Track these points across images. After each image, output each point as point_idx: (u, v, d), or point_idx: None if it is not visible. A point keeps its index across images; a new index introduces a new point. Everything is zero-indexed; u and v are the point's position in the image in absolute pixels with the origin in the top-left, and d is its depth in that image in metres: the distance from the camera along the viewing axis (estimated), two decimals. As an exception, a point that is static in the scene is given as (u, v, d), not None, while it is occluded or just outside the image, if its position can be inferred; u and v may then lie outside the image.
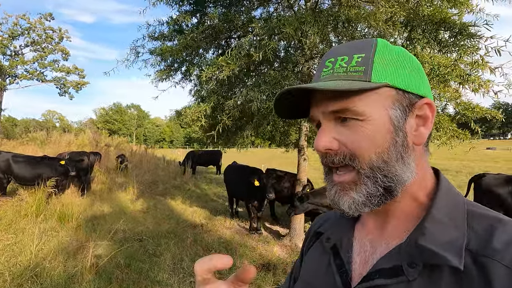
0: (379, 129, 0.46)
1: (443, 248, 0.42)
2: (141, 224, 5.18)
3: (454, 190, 0.49)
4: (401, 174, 0.46)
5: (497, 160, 19.46)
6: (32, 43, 25.93)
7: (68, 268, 3.19)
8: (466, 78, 2.84)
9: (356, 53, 0.48)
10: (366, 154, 0.46)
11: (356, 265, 0.52)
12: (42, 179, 6.24)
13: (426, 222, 0.45)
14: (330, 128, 0.48)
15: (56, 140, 15.14)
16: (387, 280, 0.44)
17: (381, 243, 0.50)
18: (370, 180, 0.46)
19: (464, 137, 3.22)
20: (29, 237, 4.32)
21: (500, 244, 0.40)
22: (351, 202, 0.47)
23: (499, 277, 0.37)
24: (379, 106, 0.46)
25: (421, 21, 2.29)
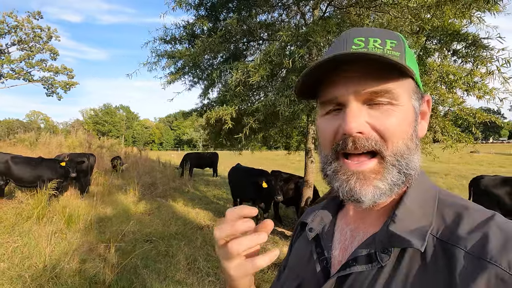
0: (407, 117, 0.46)
1: (409, 233, 0.43)
2: (148, 225, 5.18)
3: (426, 181, 0.51)
4: (417, 163, 0.48)
5: (482, 163, 20.22)
6: (19, 41, 25.24)
7: (88, 269, 3.20)
8: (472, 86, 3.04)
9: (389, 38, 0.47)
10: (396, 139, 0.45)
11: (336, 252, 0.53)
12: (42, 181, 6.15)
13: (397, 210, 0.46)
14: (360, 110, 0.45)
15: (46, 141, 14.81)
16: (363, 267, 0.45)
17: (360, 232, 0.52)
18: (395, 168, 0.45)
19: (468, 141, 3.43)
20: (36, 239, 4.27)
21: (463, 231, 0.41)
22: (375, 192, 0.45)
23: (460, 262, 0.39)
24: (408, 94, 0.47)
25: (437, 32, 2.47)
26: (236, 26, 3.24)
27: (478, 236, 0.40)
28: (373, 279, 0.44)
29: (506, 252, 0.37)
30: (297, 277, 0.57)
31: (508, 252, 0.37)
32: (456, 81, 3.16)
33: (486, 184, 4.04)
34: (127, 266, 3.33)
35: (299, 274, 0.57)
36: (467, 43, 2.44)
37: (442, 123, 3.57)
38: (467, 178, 12.51)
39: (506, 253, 0.37)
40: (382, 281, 0.43)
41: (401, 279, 0.42)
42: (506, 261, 0.37)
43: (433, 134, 3.57)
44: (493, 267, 0.37)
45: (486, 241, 0.39)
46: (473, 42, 2.40)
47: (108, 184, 7.90)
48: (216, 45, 3.20)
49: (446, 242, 0.42)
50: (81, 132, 17.30)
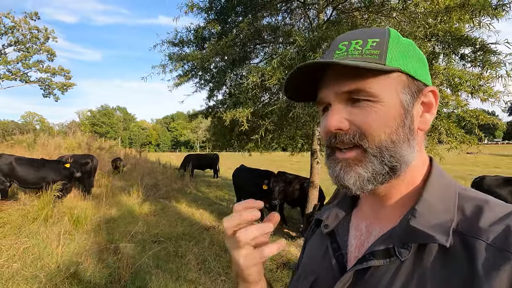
0: (390, 111, 0.47)
1: (432, 229, 0.43)
2: (155, 226, 5.21)
3: (446, 175, 0.51)
4: (406, 155, 0.48)
5: (477, 164, 20.49)
6: (16, 42, 25.04)
7: (101, 269, 3.23)
8: (477, 89, 3.14)
9: (371, 37, 0.49)
10: (376, 133, 0.47)
11: (352, 248, 0.54)
12: (46, 182, 6.15)
13: (418, 205, 0.46)
14: (341, 108, 0.49)
15: (44, 143, 14.72)
16: (380, 261, 0.46)
17: (376, 227, 0.52)
18: (376, 159, 0.47)
19: (473, 142, 3.52)
20: (44, 240, 4.29)
21: (485, 224, 0.42)
22: (356, 178, 0.48)
23: (482, 254, 0.39)
24: (392, 89, 0.48)
25: (446, 37, 2.56)
26: (247, 29, 3.31)
27: (500, 229, 0.40)
28: (392, 274, 0.45)
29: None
30: (312, 272, 0.57)
31: None
32: (461, 84, 3.26)
33: (489, 184, 4.14)
34: (140, 266, 3.37)
35: (315, 270, 0.57)
36: (475, 48, 2.53)
37: (447, 125, 3.66)
38: (465, 179, 12.70)
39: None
40: (402, 276, 0.44)
41: (422, 274, 0.42)
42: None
43: (438, 135, 3.66)
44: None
45: (508, 233, 0.39)
46: (481, 47, 2.50)
47: (111, 186, 7.91)
48: (227, 48, 3.26)
49: (466, 235, 0.42)
50: (80, 133, 17.21)
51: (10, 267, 3.30)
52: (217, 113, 5.40)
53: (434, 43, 2.70)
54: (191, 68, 4.59)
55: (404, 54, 0.49)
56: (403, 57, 0.49)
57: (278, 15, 5.08)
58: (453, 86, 3.32)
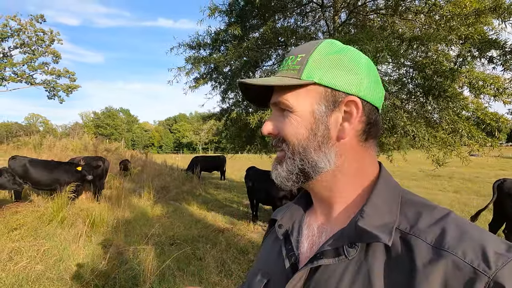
0: (302, 121, 0.52)
1: (377, 229, 0.46)
2: (170, 229, 5.22)
3: (392, 181, 0.55)
4: (317, 161, 0.52)
5: (483, 166, 20.40)
6: (21, 45, 25.24)
7: (125, 270, 3.24)
8: (501, 92, 3.14)
9: (301, 53, 0.54)
10: (290, 140, 0.53)
11: (304, 249, 0.56)
12: (59, 184, 6.18)
13: (366, 207, 0.49)
14: (275, 116, 0.56)
15: (51, 144, 14.80)
16: (329, 260, 0.48)
17: (327, 228, 0.55)
18: (290, 160, 0.53)
19: (495, 145, 3.51)
20: (62, 242, 4.30)
21: (424, 225, 0.45)
22: (277, 174, 0.55)
23: (420, 252, 0.43)
24: (306, 100, 0.52)
25: (473, 40, 2.57)
26: (270, 32, 3.33)
27: (437, 229, 0.44)
28: (341, 272, 0.47)
29: (460, 243, 0.41)
30: (266, 274, 0.59)
31: (462, 243, 0.41)
32: (484, 87, 3.25)
33: (510, 187, 4.11)
34: (163, 268, 3.37)
35: (268, 271, 0.59)
36: (504, 50, 2.54)
37: (468, 128, 3.66)
38: (472, 181, 12.66)
39: (461, 244, 0.41)
40: (350, 274, 0.46)
41: (368, 271, 0.45)
42: (461, 251, 0.41)
43: (459, 137, 3.66)
44: (449, 255, 0.41)
45: (444, 233, 0.43)
46: (511, 50, 2.51)
47: (121, 188, 7.92)
48: (250, 51, 3.28)
49: (408, 234, 0.45)
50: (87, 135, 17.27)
51: (33, 269, 3.31)
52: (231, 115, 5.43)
53: (462, 46, 2.71)
54: (207, 71, 4.61)
55: (326, 66, 0.52)
56: (322, 70, 0.52)
57: (291, 18, 5.11)
58: (476, 88, 3.31)
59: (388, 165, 7.81)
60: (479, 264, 0.39)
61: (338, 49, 0.53)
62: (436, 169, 3.69)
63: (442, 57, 3.02)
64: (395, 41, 2.66)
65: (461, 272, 0.39)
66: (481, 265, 0.39)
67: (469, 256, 0.40)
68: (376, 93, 0.54)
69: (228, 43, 3.97)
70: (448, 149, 3.42)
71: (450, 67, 2.93)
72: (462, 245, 0.41)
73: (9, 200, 6.19)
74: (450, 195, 9.57)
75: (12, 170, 5.62)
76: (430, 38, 2.43)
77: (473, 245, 0.41)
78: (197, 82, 4.30)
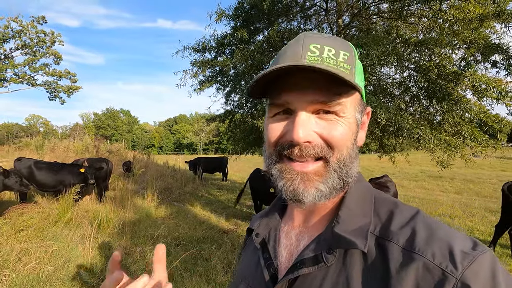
0: (351, 128, 0.49)
1: (353, 234, 0.46)
2: (175, 230, 5.26)
3: (363, 181, 0.54)
4: (355, 171, 0.50)
5: (483, 167, 20.44)
6: (23, 46, 25.33)
7: (135, 271, 3.28)
8: (504, 95, 3.19)
9: (342, 49, 0.48)
10: (341, 147, 0.47)
11: (282, 258, 0.54)
12: (64, 186, 6.22)
13: (341, 211, 0.49)
14: (309, 119, 0.47)
15: (53, 146, 14.85)
16: (309, 269, 0.47)
17: (305, 236, 0.53)
18: (336, 174, 0.47)
19: (497, 146, 3.56)
20: (69, 243, 4.35)
21: (396, 227, 0.45)
22: (316, 193, 0.47)
23: (393, 255, 0.43)
24: (353, 107, 0.49)
25: (477, 44, 2.62)
26: (276, 35, 3.39)
27: (408, 231, 0.44)
28: (321, 279, 0.46)
29: (430, 245, 0.42)
30: (246, 286, 0.57)
31: (431, 245, 0.41)
32: (488, 90, 3.30)
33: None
34: (171, 269, 3.42)
35: (248, 282, 0.57)
36: (507, 55, 2.59)
37: (471, 130, 3.71)
38: (473, 182, 12.70)
39: (430, 245, 0.41)
40: (329, 281, 0.46)
41: (346, 277, 0.45)
42: (430, 252, 0.41)
43: (462, 139, 3.71)
44: (420, 258, 0.41)
45: (414, 235, 0.43)
46: (515, 54, 2.57)
47: (125, 189, 7.97)
48: (258, 54, 3.34)
49: (382, 238, 0.45)
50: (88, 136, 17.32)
51: (42, 270, 3.36)
52: (235, 117, 5.48)
53: (466, 51, 2.76)
54: (212, 74, 4.66)
55: (360, 74, 0.51)
56: (360, 76, 0.50)
57: (295, 21, 5.17)
58: (479, 92, 3.36)
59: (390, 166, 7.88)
60: (447, 266, 0.39)
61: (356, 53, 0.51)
62: (441, 170, 3.74)
63: (445, 60, 3.07)
64: (401, 45, 2.72)
65: (431, 275, 0.40)
66: (449, 266, 0.39)
67: (438, 257, 0.40)
68: None
69: (233, 47, 4.03)
70: (453, 151, 3.47)
71: (453, 71, 2.99)
72: (431, 247, 0.41)
73: (15, 201, 6.24)
74: (451, 196, 9.62)
75: (18, 172, 5.67)
76: (436, 43, 2.48)
77: (441, 246, 0.41)
78: (203, 85, 4.35)
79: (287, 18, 4.82)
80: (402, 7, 3.00)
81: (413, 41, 2.67)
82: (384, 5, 4.08)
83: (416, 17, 3.51)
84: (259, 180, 6.28)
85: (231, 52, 4.51)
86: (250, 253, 0.63)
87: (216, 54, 4.84)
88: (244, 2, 3.84)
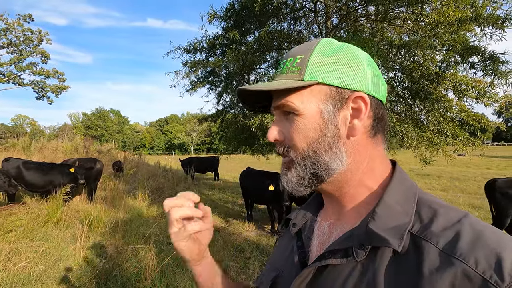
0: (310, 122, 0.50)
1: (388, 232, 0.44)
2: (167, 228, 5.27)
3: (407, 179, 0.53)
4: (329, 163, 0.50)
5: (469, 166, 21.03)
6: (9, 44, 24.75)
7: (127, 268, 3.31)
8: (482, 95, 3.35)
9: (299, 54, 0.53)
10: (299, 145, 0.51)
11: (314, 247, 0.56)
12: (53, 186, 6.16)
13: (378, 208, 0.47)
14: (278, 121, 0.54)
15: (42, 146, 14.58)
16: (337, 260, 0.47)
17: (337, 227, 0.54)
18: (300, 167, 0.52)
19: (477, 144, 3.73)
20: (59, 243, 4.34)
21: (437, 228, 0.43)
22: (287, 180, 0.53)
23: (429, 256, 0.40)
24: (311, 101, 0.50)
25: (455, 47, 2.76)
26: (267, 36, 3.47)
27: (451, 234, 0.41)
28: (348, 273, 0.46)
29: (474, 250, 0.38)
30: (275, 269, 0.60)
31: (476, 250, 0.38)
32: (467, 90, 3.47)
33: (500, 186, 4.22)
34: (163, 265, 3.46)
35: (279, 266, 0.60)
36: (484, 57, 2.74)
37: (452, 128, 3.87)
38: (459, 180, 13.08)
39: (474, 251, 0.38)
40: (355, 276, 0.46)
41: (373, 274, 0.44)
42: (473, 259, 0.38)
43: (444, 138, 3.87)
44: (460, 264, 0.38)
45: (457, 238, 0.40)
46: (490, 56, 2.71)
47: (116, 189, 7.93)
48: (249, 55, 3.42)
49: (419, 237, 0.43)
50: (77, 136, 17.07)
51: (33, 269, 3.36)
52: (226, 117, 5.55)
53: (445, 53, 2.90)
54: (204, 74, 4.72)
55: (327, 65, 0.50)
56: (324, 69, 0.50)
57: (285, 22, 5.27)
58: (459, 91, 3.52)
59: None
60: (491, 276, 0.36)
61: (336, 47, 0.52)
62: (424, 167, 3.89)
63: (428, 61, 3.21)
64: (385, 47, 2.84)
65: (471, 283, 0.37)
66: (493, 277, 0.36)
67: (482, 265, 0.37)
68: (379, 87, 0.53)
69: (225, 47, 4.10)
70: (434, 148, 3.62)
71: (435, 71, 3.13)
72: (475, 253, 0.38)
73: (2, 202, 6.15)
74: (438, 193, 9.89)
75: (6, 172, 5.59)
76: (417, 45, 2.61)
77: (488, 253, 0.38)
78: (195, 85, 4.41)
79: (278, 19, 4.91)
80: (386, 10, 3.12)
81: (397, 43, 2.80)
82: (371, 8, 4.22)
83: (401, 19, 3.65)
84: (250, 179, 6.35)
85: (223, 52, 4.58)
86: (285, 241, 0.66)
87: (207, 54, 4.90)
88: (235, 4, 3.92)
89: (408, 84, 3.33)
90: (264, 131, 3.17)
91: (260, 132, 3.40)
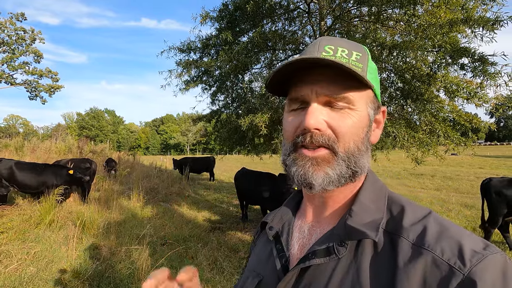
0: (361, 121, 0.52)
1: (364, 226, 0.48)
2: (161, 229, 5.27)
3: (378, 180, 0.57)
4: (365, 163, 0.53)
5: (462, 165, 21.27)
6: (1, 43, 24.42)
7: (120, 269, 3.29)
8: (473, 95, 3.40)
9: (355, 50, 0.53)
10: (348, 139, 0.50)
11: (294, 250, 0.56)
12: (46, 187, 6.09)
13: (354, 206, 0.51)
14: (320, 109, 0.50)
15: (34, 147, 14.40)
16: (321, 260, 0.49)
17: (317, 229, 0.56)
18: (345, 163, 0.51)
19: (469, 144, 3.78)
20: (52, 245, 4.29)
21: (407, 224, 0.47)
22: (325, 177, 0.50)
23: (403, 249, 0.45)
24: (365, 102, 0.53)
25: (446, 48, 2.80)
26: (259, 38, 3.48)
27: (419, 228, 0.46)
28: (331, 271, 0.48)
29: (439, 241, 0.43)
30: (257, 275, 0.59)
31: (441, 242, 0.43)
32: (458, 91, 3.51)
33: (495, 185, 4.29)
34: (157, 267, 3.45)
35: (260, 272, 0.59)
36: (473, 58, 2.77)
37: (444, 128, 3.91)
38: (452, 179, 13.22)
39: (440, 242, 0.43)
40: (339, 272, 0.48)
41: (356, 269, 0.47)
42: (439, 248, 0.43)
43: (436, 138, 3.91)
44: (429, 253, 0.43)
45: (425, 232, 0.45)
46: (480, 58, 2.75)
47: (110, 190, 7.87)
48: (242, 56, 3.41)
49: (393, 233, 0.47)
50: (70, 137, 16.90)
51: (25, 271, 3.32)
52: (221, 117, 5.54)
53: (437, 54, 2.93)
54: (198, 74, 4.71)
55: (373, 74, 0.55)
56: (373, 76, 0.54)
57: (279, 22, 5.28)
58: (450, 92, 3.56)
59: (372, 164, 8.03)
60: (455, 262, 0.41)
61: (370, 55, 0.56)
62: (416, 167, 3.93)
63: (420, 62, 3.24)
64: (377, 48, 2.87)
65: (439, 269, 0.41)
66: (457, 263, 0.41)
67: (447, 254, 0.42)
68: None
69: (218, 47, 4.09)
70: (426, 149, 3.66)
71: (427, 72, 3.16)
72: (441, 243, 0.43)
73: (-6, 203, 6.06)
74: (431, 193, 9.99)
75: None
76: (408, 46, 2.64)
77: (451, 243, 0.43)
78: (188, 85, 4.39)
79: (272, 20, 4.92)
80: (379, 11, 3.15)
81: (388, 44, 2.83)
82: (364, 9, 4.25)
83: (394, 21, 3.68)
84: (245, 180, 6.35)
85: (216, 52, 4.57)
86: (261, 245, 0.65)
87: (201, 54, 4.88)
88: (228, 4, 3.92)
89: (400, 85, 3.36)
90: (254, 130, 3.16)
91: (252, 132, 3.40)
